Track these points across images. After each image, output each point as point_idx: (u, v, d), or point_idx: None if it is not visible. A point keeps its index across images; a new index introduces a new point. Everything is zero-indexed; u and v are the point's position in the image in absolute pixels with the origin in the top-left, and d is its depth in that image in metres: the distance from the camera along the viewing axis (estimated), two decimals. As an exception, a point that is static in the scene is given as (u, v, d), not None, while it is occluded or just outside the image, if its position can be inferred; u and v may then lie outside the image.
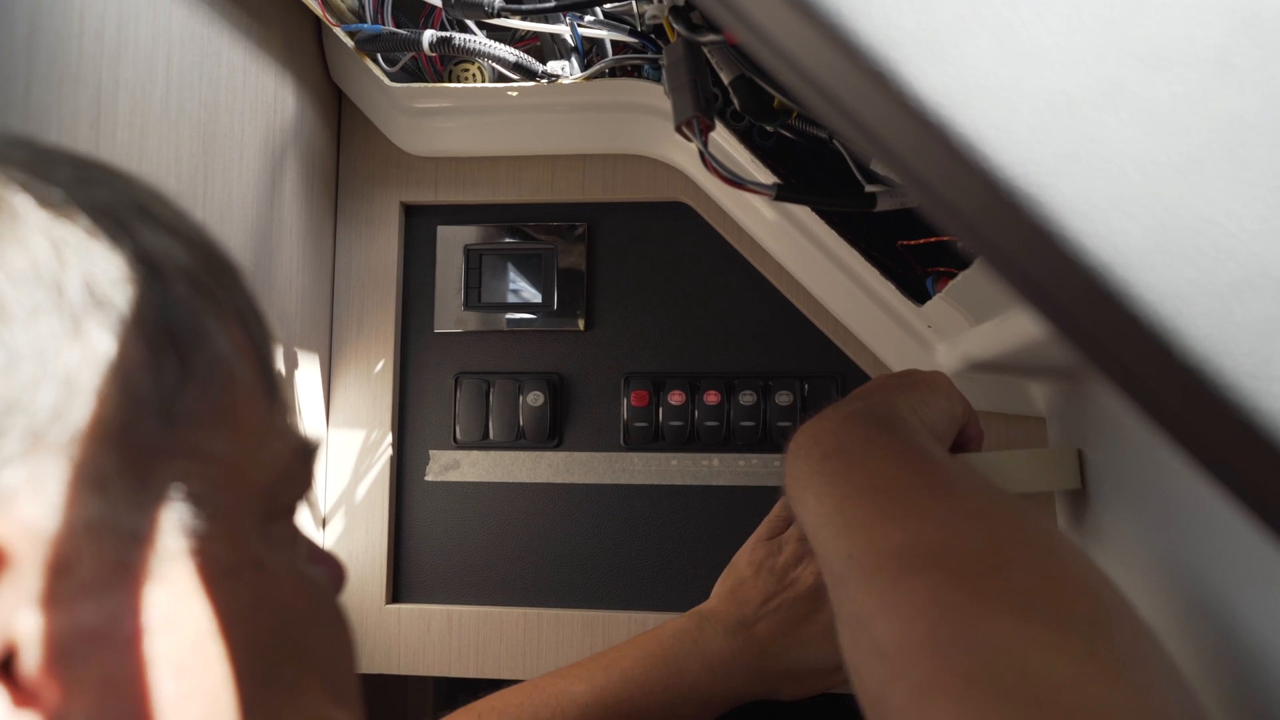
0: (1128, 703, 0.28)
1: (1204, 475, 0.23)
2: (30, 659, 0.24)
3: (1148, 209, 0.22)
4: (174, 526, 0.27)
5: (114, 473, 0.26)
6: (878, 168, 0.63)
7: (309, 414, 0.79)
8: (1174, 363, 0.22)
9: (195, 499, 0.27)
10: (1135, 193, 0.22)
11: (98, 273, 0.26)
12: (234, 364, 0.29)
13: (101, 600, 0.25)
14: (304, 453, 0.32)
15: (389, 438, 0.81)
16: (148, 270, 0.27)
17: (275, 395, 0.32)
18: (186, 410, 0.27)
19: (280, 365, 0.72)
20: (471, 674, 0.79)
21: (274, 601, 0.30)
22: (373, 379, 0.82)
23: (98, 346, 0.25)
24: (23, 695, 0.24)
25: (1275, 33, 0.21)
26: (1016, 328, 0.53)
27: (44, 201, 0.26)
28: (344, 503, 0.81)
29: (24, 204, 0.26)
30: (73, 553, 0.25)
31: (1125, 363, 0.23)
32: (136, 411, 0.26)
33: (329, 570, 0.35)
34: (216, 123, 0.63)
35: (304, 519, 0.78)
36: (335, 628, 0.33)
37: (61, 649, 0.25)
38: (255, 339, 0.31)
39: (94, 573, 0.25)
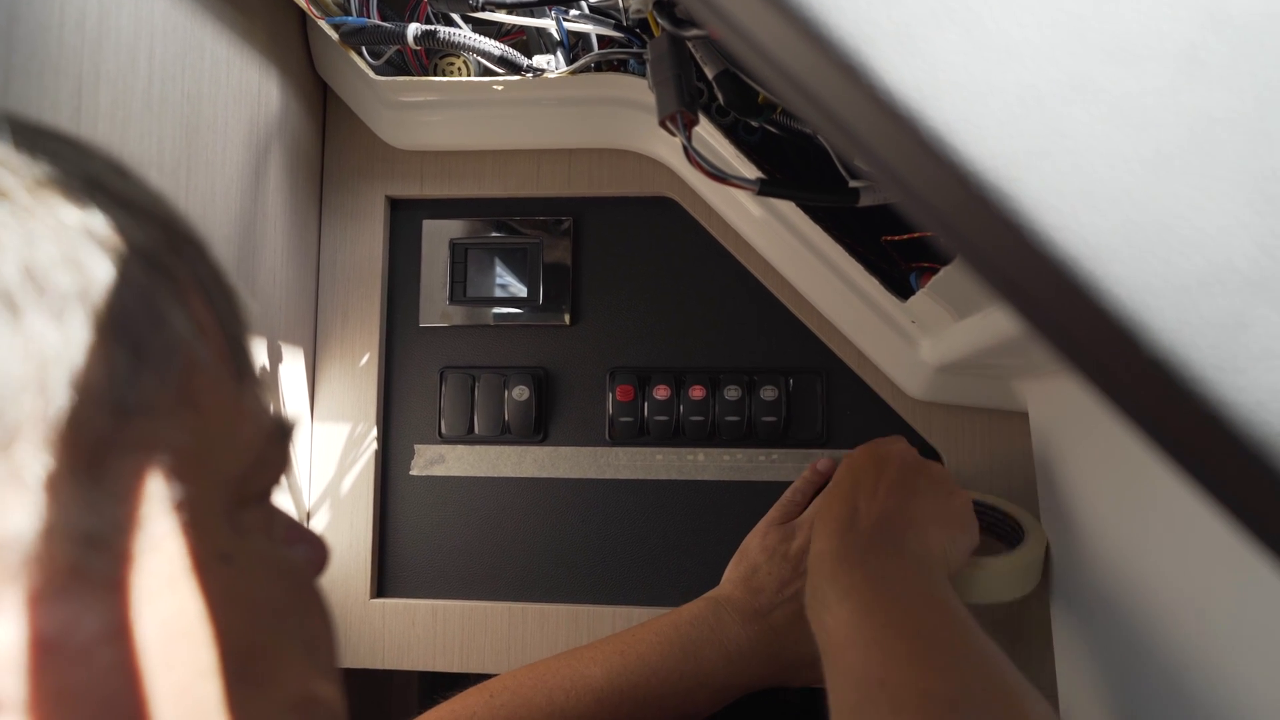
0: None
1: (1171, 467, 0.23)
2: None
3: (1116, 204, 0.22)
4: (132, 525, 0.25)
5: (64, 473, 0.23)
6: (861, 163, 0.64)
7: (293, 407, 0.79)
8: (1142, 355, 0.22)
9: (155, 494, 0.25)
10: (1104, 187, 0.22)
11: (39, 255, 0.24)
12: (195, 347, 0.27)
13: (56, 608, 0.23)
14: (278, 435, 0.30)
15: (374, 432, 0.81)
16: (96, 250, 0.25)
17: (245, 376, 0.30)
18: (142, 400, 0.25)
19: (262, 355, 0.72)
20: (456, 668, 0.79)
21: (246, 593, 0.28)
22: (357, 373, 0.82)
23: (40, 337, 0.23)
24: None
25: (1244, 30, 0.21)
26: (999, 323, 0.53)
27: None
28: (328, 497, 0.81)
29: None
30: (22, 560, 0.23)
31: (1094, 355, 0.23)
32: (86, 405, 0.24)
33: (310, 549, 0.33)
34: (199, 115, 0.63)
35: (284, 500, 0.78)
36: (314, 611, 0.31)
37: (13, 660, 0.23)
38: (222, 317, 0.29)
39: (46, 579, 0.23)
